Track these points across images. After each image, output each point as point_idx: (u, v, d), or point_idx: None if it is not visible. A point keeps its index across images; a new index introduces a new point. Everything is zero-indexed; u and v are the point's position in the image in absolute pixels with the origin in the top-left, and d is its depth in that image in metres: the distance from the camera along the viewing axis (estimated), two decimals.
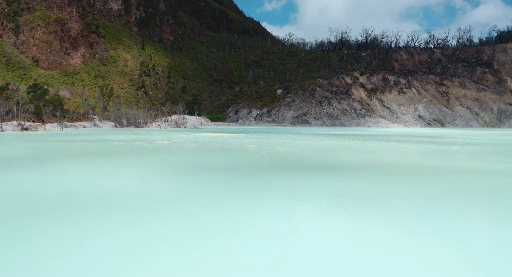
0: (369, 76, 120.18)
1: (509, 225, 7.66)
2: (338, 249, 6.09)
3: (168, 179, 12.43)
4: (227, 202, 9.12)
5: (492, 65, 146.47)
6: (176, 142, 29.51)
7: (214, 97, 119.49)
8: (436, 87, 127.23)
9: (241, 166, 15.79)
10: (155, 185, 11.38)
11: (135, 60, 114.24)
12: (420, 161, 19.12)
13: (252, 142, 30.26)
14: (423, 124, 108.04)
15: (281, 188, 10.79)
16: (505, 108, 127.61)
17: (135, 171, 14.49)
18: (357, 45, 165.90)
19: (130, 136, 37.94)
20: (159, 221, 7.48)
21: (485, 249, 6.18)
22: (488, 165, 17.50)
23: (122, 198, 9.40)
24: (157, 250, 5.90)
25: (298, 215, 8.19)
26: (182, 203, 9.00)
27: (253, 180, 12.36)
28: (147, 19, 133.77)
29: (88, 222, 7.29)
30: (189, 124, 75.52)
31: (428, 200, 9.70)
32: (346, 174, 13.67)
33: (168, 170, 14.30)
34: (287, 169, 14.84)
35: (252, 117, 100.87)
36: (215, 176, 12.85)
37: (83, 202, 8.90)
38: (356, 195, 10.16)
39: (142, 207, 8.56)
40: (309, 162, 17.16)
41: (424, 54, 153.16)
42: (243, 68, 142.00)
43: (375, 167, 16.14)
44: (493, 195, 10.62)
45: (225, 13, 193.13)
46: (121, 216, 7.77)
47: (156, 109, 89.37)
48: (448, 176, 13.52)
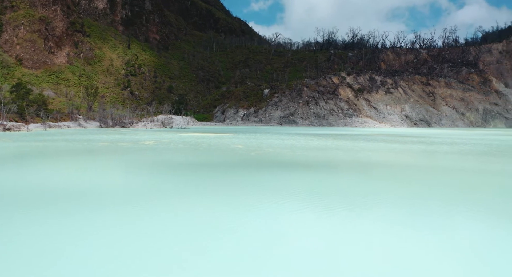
0: (356, 76, 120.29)
1: (498, 223, 7.75)
2: (325, 247, 6.21)
3: (153, 181, 11.92)
4: (215, 201, 8.80)
5: (478, 66, 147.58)
6: (162, 142, 28.94)
7: (200, 97, 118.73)
8: (423, 87, 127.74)
9: (229, 166, 15.29)
10: (138, 188, 10.87)
11: (120, 60, 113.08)
12: (411, 162, 18.83)
13: (240, 142, 29.80)
14: (409, 124, 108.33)
15: (270, 187, 10.70)
16: (490, 108, 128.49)
17: (114, 174, 13.91)
18: (344, 45, 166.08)
19: (115, 136, 37.25)
20: (145, 217, 7.46)
21: (473, 247, 6.27)
22: (480, 165, 17.28)
23: (98, 197, 9.20)
24: (141, 245, 6.09)
25: (288, 214, 8.21)
26: (167, 201, 8.67)
27: (240, 180, 12.04)
28: (133, 18, 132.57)
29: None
30: (176, 124, 74.79)
31: (422, 200, 9.64)
32: (335, 174, 13.40)
33: (152, 172, 13.80)
34: (276, 169, 14.47)
35: (239, 117, 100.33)
36: (202, 177, 12.39)
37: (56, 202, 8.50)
38: (348, 194, 10.23)
39: (120, 206, 8.26)
40: (298, 162, 16.79)
41: (411, 54, 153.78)
42: (230, 68, 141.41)
43: (365, 167, 15.87)
44: (487, 195, 10.71)
45: (211, 13, 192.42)
46: (96, 215, 7.55)
47: (142, 109, 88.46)
48: (440, 176, 13.36)
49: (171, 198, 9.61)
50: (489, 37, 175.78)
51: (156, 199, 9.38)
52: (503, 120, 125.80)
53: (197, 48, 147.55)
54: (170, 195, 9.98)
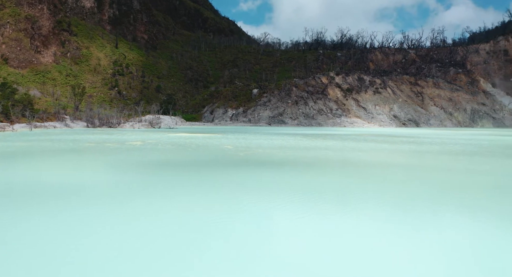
0: (345, 76, 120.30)
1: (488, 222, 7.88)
2: (315, 246, 6.28)
3: (138, 181, 11.48)
4: (205, 202, 8.45)
5: (465, 66, 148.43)
6: (150, 143, 28.43)
7: (189, 97, 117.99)
8: (411, 87, 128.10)
9: (217, 167, 14.85)
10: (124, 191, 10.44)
11: (108, 59, 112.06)
12: (403, 162, 18.56)
13: (229, 143, 29.39)
14: (398, 124, 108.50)
15: (259, 187, 10.58)
16: (478, 108, 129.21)
17: (98, 175, 13.44)
18: (332, 45, 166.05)
19: (102, 136, 36.65)
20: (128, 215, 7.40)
21: (463, 246, 6.36)
22: (473, 166, 17.06)
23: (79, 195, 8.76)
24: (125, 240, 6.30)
25: (278, 213, 8.35)
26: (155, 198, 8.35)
27: (229, 181, 11.63)
28: (121, 17, 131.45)
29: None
30: (164, 124, 74.17)
31: (415, 200, 9.65)
32: (325, 174, 13.09)
33: (138, 173, 13.35)
34: (265, 169, 14.11)
35: (227, 117, 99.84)
36: (190, 179, 11.98)
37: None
38: (339, 194, 10.35)
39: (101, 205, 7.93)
40: (288, 163, 16.45)
41: (399, 55, 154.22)
42: (219, 68, 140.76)
43: (356, 167, 15.57)
44: (478, 194, 10.86)
45: (200, 12, 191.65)
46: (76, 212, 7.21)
47: (130, 109, 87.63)
48: (431, 176, 13.11)
49: (157, 198, 9.38)
50: (476, 37, 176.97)
51: (141, 199, 9.22)
52: (490, 120, 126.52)
53: (186, 48, 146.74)
54: (155, 196, 9.71)
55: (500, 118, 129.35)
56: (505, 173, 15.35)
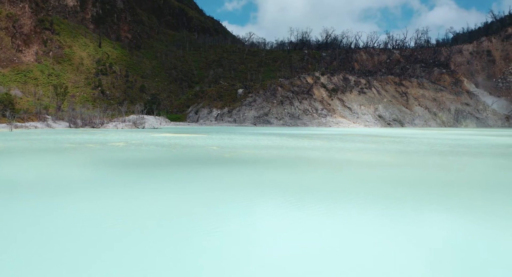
0: (330, 76, 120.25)
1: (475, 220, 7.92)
2: (301, 245, 6.27)
3: (119, 184, 10.86)
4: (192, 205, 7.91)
5: (449, 66, 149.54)
6: (133, 144, 27.70)
7: (173, 97, 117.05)
8: (396, 87, 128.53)
9: (203, 168, 14.24)
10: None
11: (91, 58, 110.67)
12: (392, 162, 18.11)
13: (214, 143, 28.77)
14: (383, 124, 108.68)
15: (246, 188, 10.12)
16: (461, 108, 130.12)
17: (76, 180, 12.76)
18: (317, 45, 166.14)
19: (84, 137, 35.79)
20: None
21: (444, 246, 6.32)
22: (464, 167, 16.70)
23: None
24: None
25: (265, 213, 8.38)
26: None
27: (214, 182, 11.02)
28: (104, 16, 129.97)
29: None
30: (148, 124, 73.26)
31: (405, 201, 9.35)
32: (313, 174, 12.61)
33: (119, 175, 12.72)
34: (251, 171, 13.58)
35: (212, 117, 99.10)
36: (173, 181, 11.38)
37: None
38: (327, 193, 10.22)
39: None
40: (274, 163, 15.92)
41: (383, 55, 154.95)
42: (204, 67, 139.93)
43: (344, 167, 15.09)
44: (468, 194, 10.84)
45: (184, 12, 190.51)
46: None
47: (113, 109, 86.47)
48: (421, 177, 12.64)
49: (138, 199, 8.75)
50: (460, 38, 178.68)
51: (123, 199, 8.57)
52: (474, 120, 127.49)
53: (170, 47, 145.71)
54: (138, 198, 9.06)
55: (483, 118, 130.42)
56: (492, 171, 15.04)
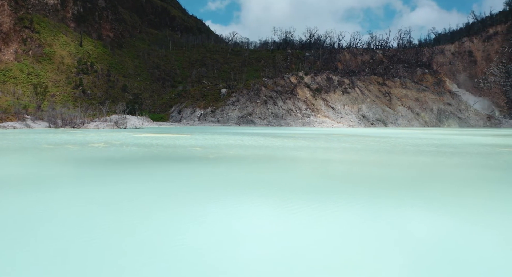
0: (314, 76, 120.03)
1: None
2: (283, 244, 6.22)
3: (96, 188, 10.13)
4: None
5: (431, 66, 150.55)
6: (113, 144, 26.85)
7: (156, 96, 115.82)
8: (379, 87, 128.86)
9: (186, 170, 13.56)
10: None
11: (72, 57, 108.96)
12: (381, 161, 17.62)
13: (198, 144, 28.04)
14: (366, 124, 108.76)
15: (230, 190, 9.24)
16: (444, 108, 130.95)
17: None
18: (301, 45, 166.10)
19: (63, 137, 34.77)
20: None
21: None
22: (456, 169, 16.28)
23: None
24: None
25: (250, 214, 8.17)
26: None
27: (199, 185, 10.31)
28: (85, 14, 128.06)
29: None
30: (130, 124, 72.10)
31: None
32: (302, 175, 12.06)
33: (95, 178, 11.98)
34: (236, 173, 12.90)
35: (196, 117, 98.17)
36: (154, 186, 10.68)
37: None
38: (312, 194, 9.91)
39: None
40: (260, 164, 15.31)
41: (367, 55, 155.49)
42: (186, 67, 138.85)
43: (331, 167, 14.54)
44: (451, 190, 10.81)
45: (167, 11, 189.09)
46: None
47: (95, 109, 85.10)
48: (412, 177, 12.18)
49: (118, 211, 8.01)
50: (442, 38, 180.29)
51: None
52: (456, 120, 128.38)
53: (152, 46, 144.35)
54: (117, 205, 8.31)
55: (465, 118, 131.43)
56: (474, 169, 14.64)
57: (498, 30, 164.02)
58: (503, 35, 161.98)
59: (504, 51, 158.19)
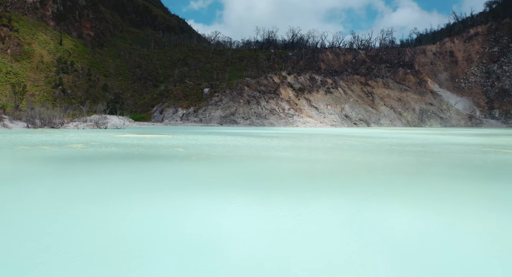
0: (297, 75, 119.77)
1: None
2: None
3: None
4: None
5: (413, 66, 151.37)
6: (92, 145, 25.95)
7: (137, 96, 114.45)
8: (361, 87, 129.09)
9: (166, 174, 12.87)
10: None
11: (51, 56, 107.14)
12: (367, 162, 17.12)
13: (180, 144, 27.29)
14: (349, 123, 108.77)
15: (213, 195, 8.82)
16: (426, 108, 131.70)
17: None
18: (283, 44, 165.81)
19: (40, 138, 33.73)
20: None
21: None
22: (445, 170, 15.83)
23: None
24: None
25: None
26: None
27: (176, 189, 9.64)
28: (65, 13, 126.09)
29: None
30: (111, 124, 70.88)
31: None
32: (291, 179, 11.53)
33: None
34: (220, 176, 12.21)
35: (178, 116, 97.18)
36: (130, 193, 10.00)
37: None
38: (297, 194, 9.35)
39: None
40: (242, 166, 14.68)
41: (349, 55, 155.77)
42: (169, 66, 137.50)
43: (318, 167, 13.98)
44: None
45: (149, 9, 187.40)
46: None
47: (75, 109, 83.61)
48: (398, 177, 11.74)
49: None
50: (423, 39, 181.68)
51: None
52: (438, 120, 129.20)
53: (134, 46, 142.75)
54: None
55: (447, 117, 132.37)
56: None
57: (479, 30, 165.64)
58: (484, 35, 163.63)
59: (484, 52, 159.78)
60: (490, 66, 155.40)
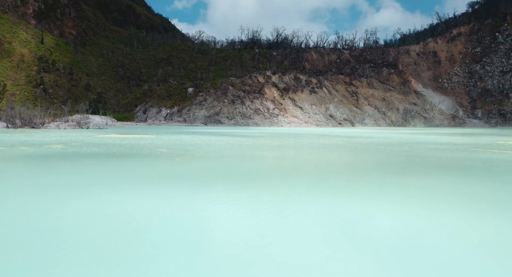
0: (281, 75, 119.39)
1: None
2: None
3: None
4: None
5: (397, 66, 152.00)
6: (73, 146, 25.18)
7: (121, 96, 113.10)
8: (346, 87, 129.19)
9: (147, 179, 12.27)
10: None
11: (33, 55, 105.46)
12: (356, 162, 16.69)
13: (163, 145, 26.62)
14: (334, 123, 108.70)
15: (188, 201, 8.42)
16: (410, 108, 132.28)
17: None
18: (268, 44, 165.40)
19: (19, 138, 32.81)
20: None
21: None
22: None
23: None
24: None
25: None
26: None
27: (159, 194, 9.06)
28: (47, 11, 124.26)
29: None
30: (93, 124, 69.77)
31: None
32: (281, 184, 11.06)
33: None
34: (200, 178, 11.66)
35: (162, 116, 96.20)
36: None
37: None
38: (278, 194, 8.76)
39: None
40: (225, 167, 14.14)
41: (334, 55, 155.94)
42: (152, 66, 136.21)
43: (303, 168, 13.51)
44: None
45: (132, 8, 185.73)
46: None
47: (56, 108, 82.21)
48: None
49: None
50: (407, 39, 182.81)
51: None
52: (422, 120, 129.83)
53: (117, 45, 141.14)
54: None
55: (430, 117, 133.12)
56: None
57: (462, 31, 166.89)
58: (466, 36, 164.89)
59: (467, 52, 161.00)
60: (473, 66, 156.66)
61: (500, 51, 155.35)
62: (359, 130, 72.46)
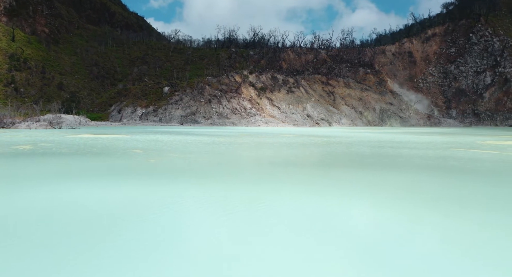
0: (258, 74, 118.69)
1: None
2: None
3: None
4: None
5: (373, 66, 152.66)
6: (42, 146, 24.02)
7: (95, 95, 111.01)
8: (323, 86, 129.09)
9: (119, 181, 11.38)
10: None
11: (3, 53, 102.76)
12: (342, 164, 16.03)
13: (138, 146, 25.62)
14: (311, 123, 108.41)
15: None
16: (386, 108, 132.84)
17: None
18: (245, 43, 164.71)
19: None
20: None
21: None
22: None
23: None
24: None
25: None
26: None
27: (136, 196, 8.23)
28: (18, 8, 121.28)
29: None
30: (66, 124, 68.03)
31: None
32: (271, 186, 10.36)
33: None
34: (181, 180, 10.85)
35: (137, 116, 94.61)
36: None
37: None
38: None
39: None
40: (201, 169, 13.35)
41: (310, 54, 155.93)
42: (127, 64, 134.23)
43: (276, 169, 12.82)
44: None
45: (106, 6, 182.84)
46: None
47: (27, 108, 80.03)
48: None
49: None
50: (383, 39, 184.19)
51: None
52: (398, 119, 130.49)
53: (91, 43, 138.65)
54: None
55: (406, 117, 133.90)
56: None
57: (436, 31, 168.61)
58: (441, 36, 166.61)
59: (442, 52, 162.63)
60: (447, 67, 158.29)
61: (474, 51, 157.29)
62: (338, 130, 72.50)
